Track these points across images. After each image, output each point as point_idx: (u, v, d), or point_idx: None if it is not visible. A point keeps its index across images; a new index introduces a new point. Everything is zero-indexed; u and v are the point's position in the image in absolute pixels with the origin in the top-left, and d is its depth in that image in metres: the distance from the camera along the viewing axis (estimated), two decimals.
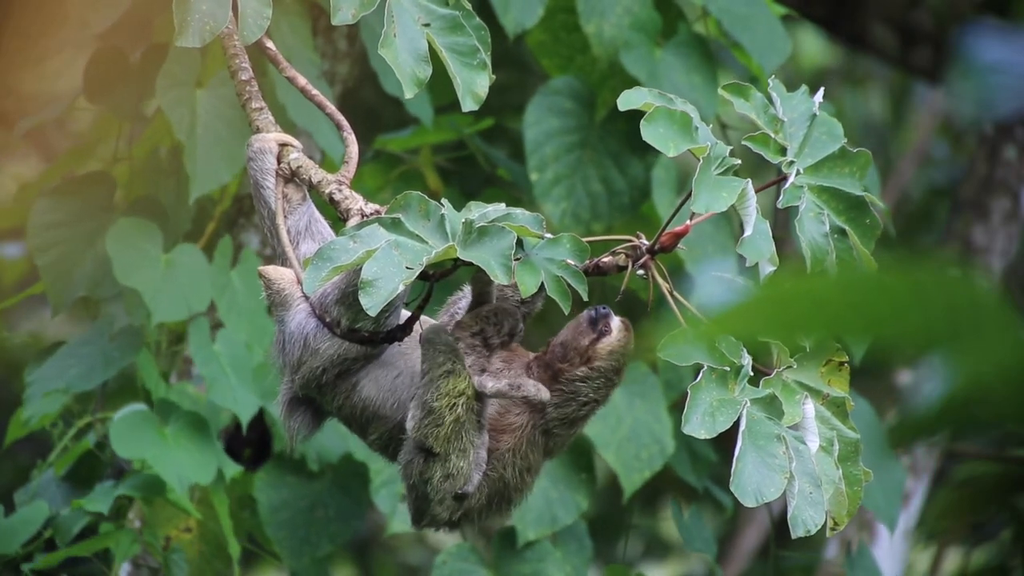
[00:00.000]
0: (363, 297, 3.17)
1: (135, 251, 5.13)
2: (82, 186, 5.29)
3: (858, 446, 3.28)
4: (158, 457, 5.02)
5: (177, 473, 5.02)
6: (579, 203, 5.68)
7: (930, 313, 1.96)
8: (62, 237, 5.26)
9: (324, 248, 3.22)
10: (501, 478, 3.45)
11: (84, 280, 5.26)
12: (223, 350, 5.25)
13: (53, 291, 5.24)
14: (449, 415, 3.34)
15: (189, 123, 5.12)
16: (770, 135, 3.32)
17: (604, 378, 3.45)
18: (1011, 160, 7.65)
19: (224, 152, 5.12)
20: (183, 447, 5.07)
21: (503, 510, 3.49)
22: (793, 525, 3.22)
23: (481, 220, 3.23)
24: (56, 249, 5.26)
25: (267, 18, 3.46)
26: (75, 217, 5.27)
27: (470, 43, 3.44)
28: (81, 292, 5.27)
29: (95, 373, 5.21)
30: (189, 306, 5.14)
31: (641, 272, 3.29)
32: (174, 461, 5.03)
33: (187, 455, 5.06)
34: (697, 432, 3.20)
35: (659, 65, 5.59)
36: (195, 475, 5.04)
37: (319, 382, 3.45)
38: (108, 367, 5.21)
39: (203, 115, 5.14)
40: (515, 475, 3.45)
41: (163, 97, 5.08)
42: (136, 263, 5.11)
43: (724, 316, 2.09)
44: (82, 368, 5.23)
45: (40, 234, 5.25)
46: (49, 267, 5.23)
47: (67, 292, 5.25)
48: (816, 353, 3.27)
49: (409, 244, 3.22)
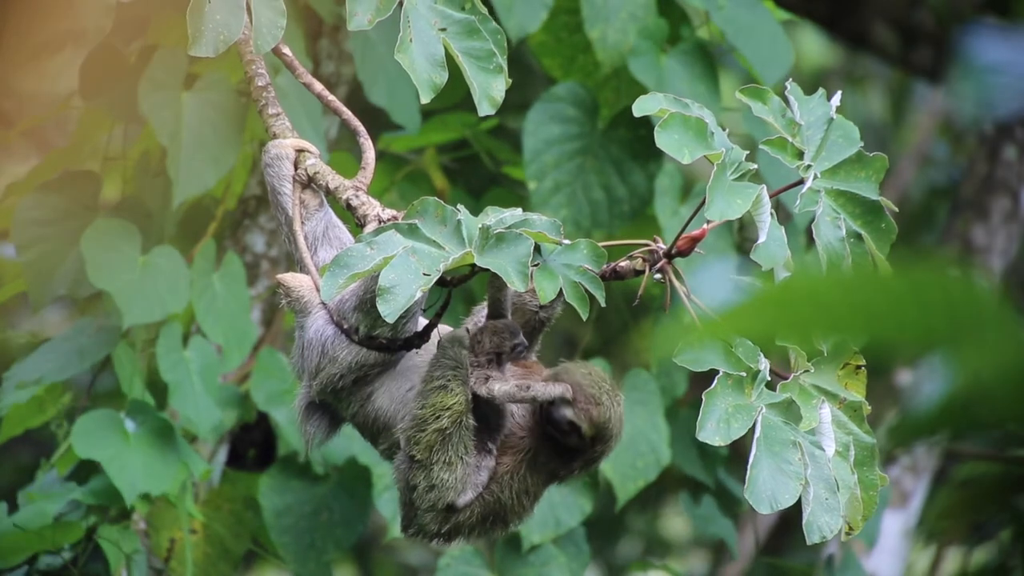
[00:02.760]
0: (381, 304, 3.16)
1: (111, 252, 5.10)
2: (67, 184, 5.27)
3: (874, 451, 3.27)
4: (114, 459, 4.97)
5: (131, 480, 4.97)
6: (580, 210, 5.68)
7: (930, 313, 1.96)
8: (46, 235, 5.24)
9: (341, 255, 3.21)
10: (498, 500, 3.44)
11: (65, 279, 5.24)
12: (194, 356, 5.23)
13: (34, 288, 5.22)
14: (433, 424, 3.33)
15: (173, 127, 5.09)
16: (787, 139, 3.31)
17: (613, 438, 3.45)
18: (1011, 160, 7.65)
19: (210, 156, 5.10)
20: (143, 452, 5.02)
21: (497, 529, 3.48)
22: (808, 531, 3.21)
23: (498, 226, 3.22)
24: (39, 247, 5.23)
25: (281, 27, 3.46)
26: (59, 215, 5.24)
27: (486, 47, 3.43)
28: (62, 291, 5.25)
29: (70, 366, 5.19)
30: (164, 308, 5.12)
31: (658, 276, 3.29)
32: (130, 466, 4.99)
33: (146, 461, 5.00)
34: (712, 439, 3.18)
35: (665, 72, 5.59)
36: (149, 484, 4.98)
37: (336, 388, 3.45)
38: (82, 361, 5.19)
39: (188, 119, 5.12)
40: (512, 497, 3.43)
41: (145, 101, 5.06)
42: (111, 265, 5.09)
43: (726, 316, 2.09)
44: (59, 362, 5.21)
45: (24, 231, 5.22)
46: (31, 264, 5.21)
47: (48, 290, 5.23)
48: (833, 357, 3.26)
49: (426, 250, 3.21)
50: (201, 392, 5.18)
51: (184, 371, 5.19)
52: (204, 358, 5.23)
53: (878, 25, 8.02)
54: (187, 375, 5.18)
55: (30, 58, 5.33)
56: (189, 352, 5.22)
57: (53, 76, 5.57)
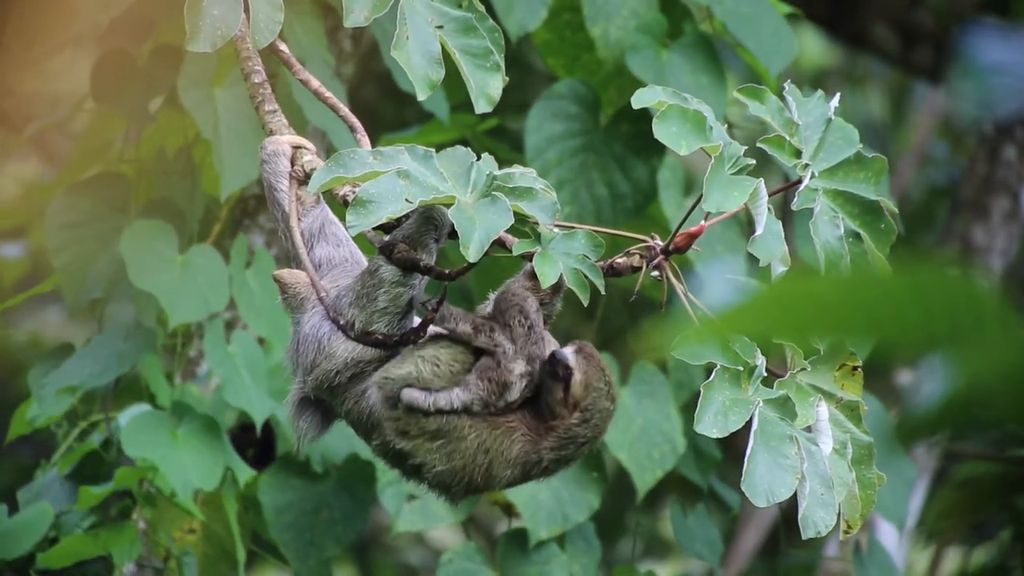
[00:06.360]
0: (350, 214, 3.16)
1: (150, 253, 5.13)
2: (96, 187, 5.29)
3: (872, 449, 3.27)
4: (166, 458, 5.02)
5: (183, 477, 5.01)
6: (583, 207, 5.68)
7: (930, 313, 1.95)
8: (77, 237, 5.27)
9: (342, 154, 3.20)
10: (459, 431, 3.40)
11: (99, 281, 5.26)
12: (238, 351, 5.26)
13: (69, 292, 5.25)
14: None
15: (213, 122, 5.12)
16: (785, 138, 3.31)
17: (599, 412, 3.41)
18: (1011, 160, 7.66)
19: (248, 149, 5.14)
20: (193, 450, 5.06)
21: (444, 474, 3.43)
22: (804, 526, 3.21)
23: (505, 180, 3.22)
24: (71, 249, 5.26)
25: (279, 22, 3.45)
26: (90, 217, 5.28)
27: (483, 45, 3.43)
28: (97, 293, 5.28)
29: (108, 371, 5.21)
30: (207, 307, 5.15)
31: (655, 273, 3.29)
32: (182, 464, 5.03)
33: (196, 458, 5.06)
34: (709, 431, 3.19)
35: (666, 66, 5.59)
36: (201, 480, 5.03)
37: (332, 384, 3.44)
38: (120, 365, 5.21)
39: (224, 114, 5.15)
40: (475, 443, 3.40)
41: (186, 98, 5.09)
42: (151, 265, 5.12)
43: (727, 315, 2.09)
44: (96, 367, 5.23)
45: (56, 235, 5.26)
46: (65, 268, 5.25)
47: (83, 293, 5.26)
48: (830, 357, 3.26)
49: (420, 179, 3.20)
50: (251, 384, 5.20)
51: (232, 366, 5.21)
52: (248, 351, 5.25)
53: (878, 25, 8.02)
54: (235, 369, 5.21)
55: (30, 58, 5.34)
56: (233, 347, 5.25)
57: (53, 76, 5.58)
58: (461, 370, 3.39)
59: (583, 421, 3.40)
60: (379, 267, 3.37)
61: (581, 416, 3.39)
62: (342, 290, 3.43)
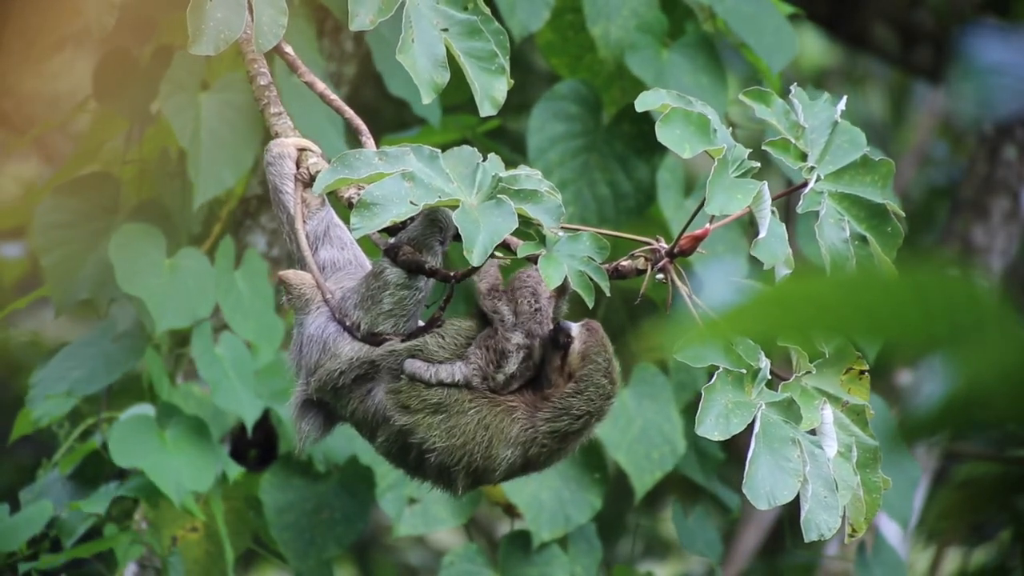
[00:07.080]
0: (355, 216, 3.16)
1: (138, 257, 5.11)
2: (85, 187, 5.28)
3: (877, 453, 3.26)
4: (156, 465, 4.98)
5: (175, 481, 4.99)
6: (586, 207, 5.68)
7: (931, 314, 1.95)
8: (66, 238, 5.26)
9: (347, 155, 3.20)
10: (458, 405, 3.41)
11: (87, 282, 5.25)
12: (225, 353, 5.24)
13: (56, 292, 5.23)
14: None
15: (192, 128, 5.11)
16: (790, 140, 3.30)
17: (593, 386, 3.41)
18: (1011, 160, 7.66)
19: (228, 156, 5.12)
20: (183, 453, 5.04)
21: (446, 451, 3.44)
22: (806, 529, 3.21)
23: (510, 182, 3.21)
24: (60, 250, 5.25)
25: (283, 26, 3.45)
26: (79, 218, 5.26)
27: (488, 48, 3.43)
28: (84, 294, 5.26)
29: (98, 376, 5.20)
30: (194, 311, 5.13)
31: (660, 275, 3.28)
32: (172, 468, 5.00)
33: (186, 461, 5.03)
34: (711, 434, 3.18)
35: (666, 66, 5.59)
36: (193, 483, 5.01)
37: (336, 385, 3.44)
38: (111, 370, 5.20)
39: (207, 119, 5.13)
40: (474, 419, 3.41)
41: (166, 103, 5.08)
42: (139, 269, 5.10)
43: (728, 316, 2.09)
44: (84, 371, 5.21)
45: (44, 234, 5.25)
46: (53, 268, 5.23)
47: (70, 293, 5.25)
48: (836, 360, 3.26)
49: (425, 182, 3.20)
50: (240, 387, 5.19)
51: (220, 369, 5.20)
52: (235, 353, 5.24)
53: (878, 25, 8.02)
54: (223, 372, 5.19)
55: (30, 58, 5.34)
56: (220, 350, 5.23)
57: (53, 76, 5.58)
58: (465, 343, 3.40)
59: (577, 392, 3.40)
60: (384, 269, 3.38)
61: (575, 387, 3.40)
62: (347, 292, 3.43)
